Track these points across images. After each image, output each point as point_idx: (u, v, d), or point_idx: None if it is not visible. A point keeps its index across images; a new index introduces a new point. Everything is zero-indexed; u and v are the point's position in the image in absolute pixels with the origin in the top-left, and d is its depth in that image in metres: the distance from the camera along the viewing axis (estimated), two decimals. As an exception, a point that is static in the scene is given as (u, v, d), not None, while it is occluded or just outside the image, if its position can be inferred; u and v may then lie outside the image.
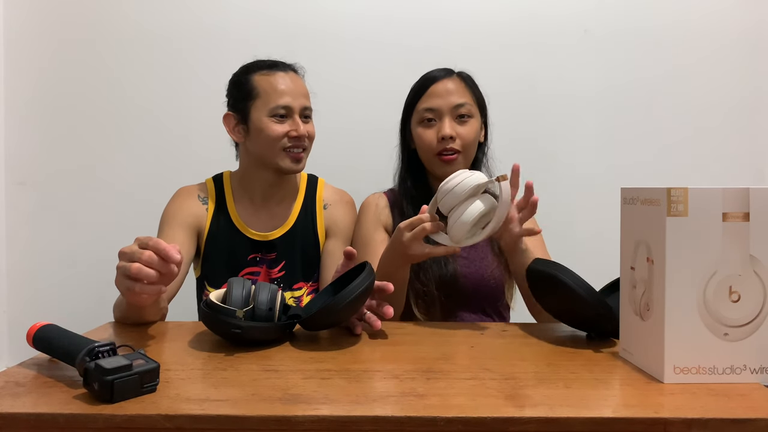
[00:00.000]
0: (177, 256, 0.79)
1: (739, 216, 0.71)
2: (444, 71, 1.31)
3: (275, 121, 1.27)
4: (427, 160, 1.31)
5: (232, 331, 0.84)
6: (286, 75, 1.30)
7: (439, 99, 1.27)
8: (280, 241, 1.35)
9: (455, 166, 1.26)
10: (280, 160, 1.30)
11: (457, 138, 1.26)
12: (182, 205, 1.33)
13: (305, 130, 1.30)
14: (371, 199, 1.37)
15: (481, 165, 1.37)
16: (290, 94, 1.28)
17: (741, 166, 1.87)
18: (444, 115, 1.27)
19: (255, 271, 1.34)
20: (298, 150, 1.30)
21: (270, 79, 1.29)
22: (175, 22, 1.83)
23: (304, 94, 1.32)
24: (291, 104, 1.28)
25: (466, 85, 1.31)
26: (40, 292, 1.85)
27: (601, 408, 0.64)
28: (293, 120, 1.29)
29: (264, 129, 1.28)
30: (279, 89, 1.28)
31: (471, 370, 0.77)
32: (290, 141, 1.29)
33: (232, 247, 1.33)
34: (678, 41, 1.86)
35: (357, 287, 0.88)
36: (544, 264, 0.95)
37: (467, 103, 1.28)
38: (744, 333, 0.71)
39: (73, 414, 0.62)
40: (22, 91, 1.83)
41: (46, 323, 0.80)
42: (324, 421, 0.61)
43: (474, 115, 1.30)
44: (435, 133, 1.27)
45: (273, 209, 1.37)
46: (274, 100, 1.27)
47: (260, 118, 1.28)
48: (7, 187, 1.85)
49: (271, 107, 1.27)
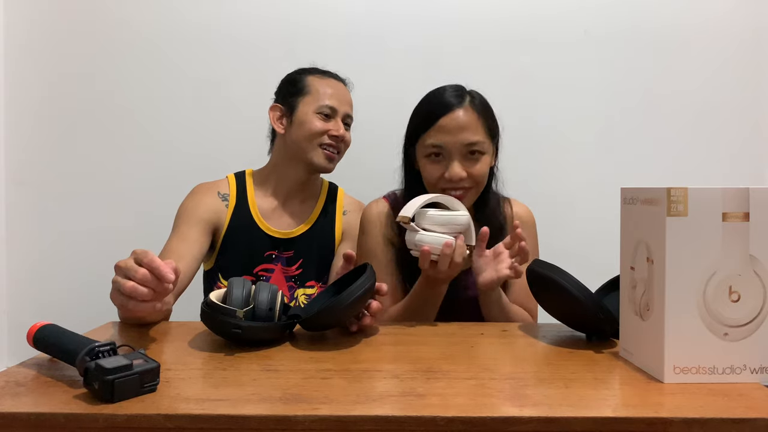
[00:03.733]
0: (171, 276, 0.80)
1: (738, 216, 0.71)
2: (455, 97, 1.17)
3: (320, 118, 1.37)
4: (432, 190, 1.18)
5: (232, 331, 0.84)
6: (337, 83, 1.42)
7: (448, 136, 1.14)
8: (300, 240, 1.40)
9: (464, 201, 1.16)
10: (315, 156, 1.37)
11: (468, 177, 1.16)
12: (200, 202, 1.36)
13: (344, 134, 1.39)
14: (373, 208, 1.30)
15: (488, 193, 1.26)
16: (338, 99, 1.39)
17: (741, 166, 1.87)
18: (453, 155, 1.15)
19: (269, 267, 1.38)
20: (333, 150, 1.38)
21: (323, 82, 1.40)
22: (176, 22, 1.83)
23: (349, 103, 1.43)
24: (337, 107, 1.38)
25: (479, 116, 1.16)
26: (40, 292, 1.85)
27: (601, 408, 0.64)
28: (336, 121, 1.38)
29: (308, 122, 1.36)
30: (329, 92, 1.39)
31: (471, 370, 0.77)
32: (329, 139, 1.37)
33: (250, 242, 1.37)
34: (678, 41, 1.86)
35: (358, 288, 0.88)
36: (544, 266, 0.95)
37: (479, 140, 1.15)
38: (744, 333, 0.71)
39: (73, 414, 0.62)
40: (22, 92, 1.83)
41: (46, 323, 0.80)
42: (324, 421, 0.61)
43: (486, 152, 1.18)
44: (442, 168, 1.16)
45: (294, 208, 1.43)
46: (323, 99, 1.37)
47: (307, 112, 1.37)
48: (7, 187, 1.85)
49: (319, 104, 1.37)
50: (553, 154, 1.86)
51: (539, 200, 1.49)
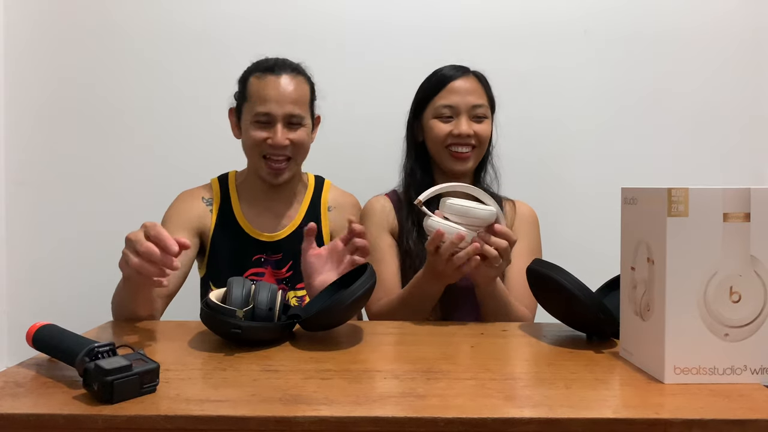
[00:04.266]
0: (175, 248, 0.84)
1: (739, 216, 0.71)
2: (461, 69, 1.32)
3: (257, 127, 1.26)
4: (437, 152, 1.31)
5: (231, 331, 0.83)
6: (277, 79, 1.26)
7: (457, 97, 1.29)
8: (287, 241, 1.34)
9: (468, 163, 1.30)
10: (259, 168, 1.30)
11: (474, 135, 1.29)
12: (184, 208, 1.32)
13: (284, 139, 1.25)
14: (375, 203, 1.36)
15: (487, 163, 1.38)
16: (276, 101, 1.25)
17: (741, 166, 1.87)
18: (461, 113, 1.28)
19: (259, 272, 1.33)
20: (277, 159, 1.28)
21: (261, 83, 1.26)
22: (176, 22, 1.83)
23: (292, 100, 1.26)
24: (273, 111, 1.25)
25: (482, 86, 1.33)
26: (40, 292, 1.85)
27: (602, 408, 0.64)
28: (275, 128, 1.25)
29: (246, 132, 1.29)
30: (263, 95, 1.25)
31: (471, 371, 0.77)
32: (268, 149, 1.27)
33: (236, 247, 1.32)
34: (678, 41, 1.85)
35: (358, 289, 0.88)
36: (544, 266, 0.95)
37: (483, 104, 1.31)
38: (744, 333, 0.71)
39: (72, 414, 0.62)
40: (22, 92, 1.83)
41: (46, 323, 0.80)
42: (324, 422, 0.61)
43: (488, 117, 1.32)
44: (450, 127, 1.28)
45: (278, 209, 1.37)
46: (257, 105, 1.26)
47: (246, 121, 1.28)
48: (7, 187, 1.85)
49: (254, 112, 1.26)
50: (553, 154, 1.85)
51: (540, 200, 1.49)
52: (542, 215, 1.42)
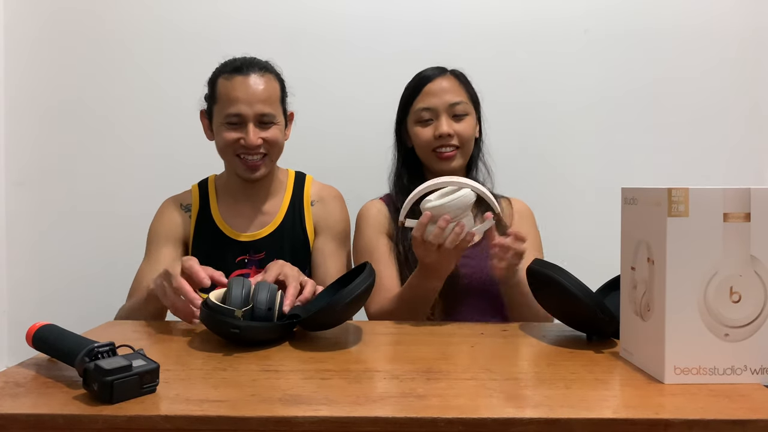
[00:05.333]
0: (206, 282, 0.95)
1: (740, 216, 0.70)
2: (438, 69, 1.33)
3: (228, 128, 1.27)
4: (425, 156, 1.33)
5: (231, 331, 0.84)
6: (245, 79, 1.26)
7: (434, 98, 1.30)
8: (268, 241, 1.33)
9: (454, 162, 1.30)
10: (236, 167, 1.30)
11: (455, 135, 1.29)
12: (164, 220, 1.34)
13: (257, 138, 1.25)
14: (371, 207, 1.36)
15: (477, 160, 1.38)
16: (245, 102, 1.24)
17: (741, 166, 1.87)
18: (440, 114, 1.29)
19: (245, 273, 1.31)
20: (252, 158, 1.28)
21: (228, 85, 1.26)
22: (176, 23, 1.83)
23: (262, 99, 1.26)
24: (244, 112, 1.25)
25: (460, 83, 1.33)
26: (41, 291, 1.85)
27: (602, 409, 0.64)
28: (246, 128, 1.25)
29: (218, 134, 1.29)
30: (232, 96, 1.25)
31: (471, 371, 0.77)
32: (241, 149, 1.27)
33: (218, 249, 1.32)
34: (678, 42, 1.85)
35: (357, 287, 0.88)
36: (544, 265, 0.95)
37: (462, 101, 1.31)
38: (745, 333, 0.71)
39: (72, 415, 0.62)
40: (21, 92, 1.83)
41: (46, 323, 0.80)
42: (324, 422, 0.61)
43: (470, 113, 1.32)
44: (432, 131, 1.29)
45: (258, 208, 1.36)
46: (227, 106, 1.26)
47: (217, 122, 1.29)
48: (7, 187, 1.84)
49: (224, 114, 1.26)
50: (553, 154, 1.85)
51: (540, 200, 1.49)
52: (542, 215, 1.42)
